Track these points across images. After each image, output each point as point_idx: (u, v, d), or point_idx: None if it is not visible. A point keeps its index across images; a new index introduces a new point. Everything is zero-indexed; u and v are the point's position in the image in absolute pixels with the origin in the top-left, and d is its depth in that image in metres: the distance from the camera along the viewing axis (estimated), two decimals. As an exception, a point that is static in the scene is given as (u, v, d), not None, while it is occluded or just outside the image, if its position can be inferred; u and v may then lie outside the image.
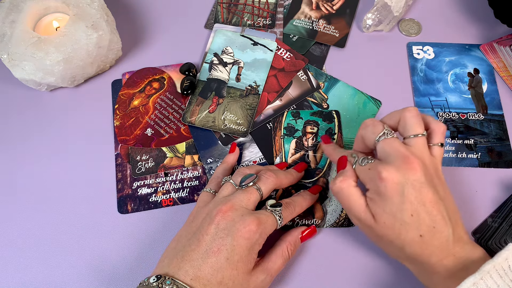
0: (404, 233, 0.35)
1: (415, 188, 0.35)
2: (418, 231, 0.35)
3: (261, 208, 0.40)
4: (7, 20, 0.48)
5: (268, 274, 0.38)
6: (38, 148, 0.50)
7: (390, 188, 0.35)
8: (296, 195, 0.43)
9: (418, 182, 0.35)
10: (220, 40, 0.55)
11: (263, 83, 0.52)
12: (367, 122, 0.40)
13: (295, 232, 0.42)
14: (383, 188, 0.35)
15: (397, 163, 0.36)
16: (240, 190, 0.39)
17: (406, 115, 0.39)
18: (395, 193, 0.35)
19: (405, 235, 0.35)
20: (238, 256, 0.35)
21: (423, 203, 0.35)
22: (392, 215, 0.35)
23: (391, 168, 0.36)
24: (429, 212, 0.35)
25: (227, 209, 0.37)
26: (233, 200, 0.38)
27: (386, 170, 0.35)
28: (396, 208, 0.35)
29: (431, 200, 0.35)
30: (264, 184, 0.40)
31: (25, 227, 0.45)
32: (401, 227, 0.35)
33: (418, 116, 0.39)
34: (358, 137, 0.41)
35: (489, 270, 0.32)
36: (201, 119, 0.50)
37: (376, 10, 0.55)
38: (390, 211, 0.35)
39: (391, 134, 0.38)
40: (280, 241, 0.41)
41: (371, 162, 0.38)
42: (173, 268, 0.35)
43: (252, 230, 0.36)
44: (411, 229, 0.35)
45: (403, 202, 0.35)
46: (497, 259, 0.32)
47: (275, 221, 0.38)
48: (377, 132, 0.38)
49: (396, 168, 0.35)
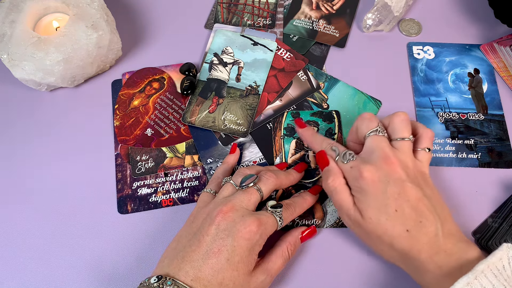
0: (390, 228, 0.36)
1: (397, 186, 0.36)
2: (404, 226, 0.36)
3: (262, 208, 0.40)
4: (7, 20, 0.48)
5: (268, 274, 0.38)
6: (38, 148, 0.50)
7: (372, 187, 0.37)
8: (296, 196, 0.43)
9: (400, 180, 0.37)
10: (220, 40, 0.55)
11: (263, 83, 0.52)
12: (365, 115, 0.41)
13: (295, 232, 0.42)
14: (365, 186, 0.37)
15: (379, 162, 0.37)
16: (240, 191, 0.39)
17: (395, 118, 0.40)
18: (378, 191, 0.36)
19: (391, 230, 0.36)
20: (239, 257, 0.35)
21: (407, 199, 0.36)
22: (377, 209, 0.36)
23: (372, 167, 0.37)
24: (414, 207, 0.36)
25: (227, 210, 0.37)
26: (234, 200, 0.38)
27: (367, 170, 0.37)
28: (380, 204, 0.36)
29: (415, 196, 0.36)
30: (265, 184, 0.40)
31: (25, 227, 0.45)
32: (387, 222, 0.36)
33: (407, 121, 0.40)
34: (353, 127, 0.42)
35: (483, 269, 0.32)
36: (201, 119, 0.50)
37: (376, 10, 0.55)
38: (375, 206, 0.36)
39: (382, 133, 0.39)
40: (280, 242, 0.41)
41: (353, 160, 0.39)
42: (173, 269, 0.35)
43: (252, 231, 0.36)
44: (397, 224, 0.36)
45: (386, 198, 0.36)
46: (491, 258, 0.32)
47: (276, 222, 0.38)
48: (371, 127, 0.40)
49: (376, 167, 0.37)
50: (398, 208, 0.36)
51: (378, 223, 0.36)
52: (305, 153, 0.48)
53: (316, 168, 0.47)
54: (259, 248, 0.37)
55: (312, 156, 0.48)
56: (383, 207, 0.36)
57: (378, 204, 0.36)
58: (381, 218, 0.36)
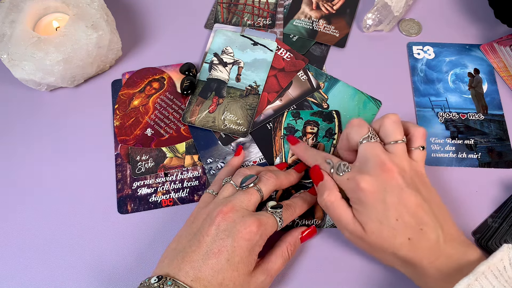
0: (393, 239, 0.35)
1: (395, 194, 0.36)
2: (406, 234, 0.35)
3: (262, 209, 0.40)
4: (7, 20, 0.48)
5: (268, 274, 0.38)
6: (38, 148, 0.50)
7: (371, 198, 0.36)
8: (296, 197, 0.43)
9: (398, 187, 0.36)
10: (220, 40, 0.55)
11: (263, 83, 0.52)
12: (354, 121, 0.40)
13: (295, 232, 0.42)
14: (364, 198, 0.36)
15: (375, 171, 0.37)
16: (240, 191, 0.39)
17: (386, 121, 0.39)
18: (377, 202, 0.36)
19: (394, 240, 0.35)
20: (239, 257, 0.35)
21: (406, 207, 0.36)
22: (379, 222, 0.36)
23: (369, 177, 0.36)
24: (414, 215, 0.36)
25: (227, 210, 0.37)
26: (234, 201, 0.38)
27: (364, 180, 0.36)
28: (381, 215, 0.36)
29: (414, 202, 0.36)
30: (265, 185, 0.40)
31: (25, 227, 0.45)
32: (389, 233, 0.35)
33: (398, 123, 0.39)
34: (343, 135, 0.42)
35: (484, 271, 0.32)
36: (201, 119, 0.50)
37: (376, 10, 0.55)
38: (376, 218, 0.36)
39: (375, 138, 0.39)
40: (280, 242, 0.41)
41: (349, 171, 0.38)
42: (173, 269, 0.35)
43: (253, 231, 0.36)
44: (399, 233, 0.35)
45: (386, 209, 0.36)
46: (492, 259, 0.32)
47: (276, 222, 0.38)
48: (362, 134, 0.39)
49: (374, 177, 0.36)
50: (399, 217, 0.35)
51: (381, 236, 0.36)
52: None
53: None
54: (259, 248, 0.37)
55: None
56: (384, 219, 0.36)
57: (379, 215, 0.36)
58: (383, 230, 0.36)
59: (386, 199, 0.36)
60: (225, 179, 0.42)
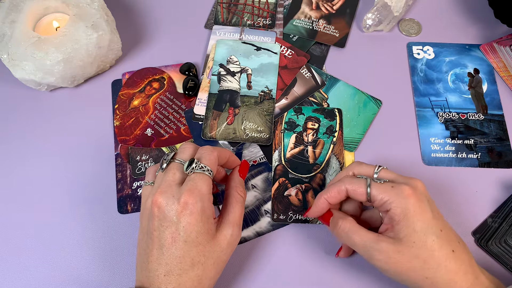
0: (437, 249, 0.34)
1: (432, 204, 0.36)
2: (450, 246, 0.34)
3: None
4: (7, 20, 0.48)
5: (233, 225, 0.37)
6: (38, 148, 0.50)
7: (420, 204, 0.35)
8: (202, 147, 0.39)
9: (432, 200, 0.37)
10: (222, 50, 0.55)
11: (275, 87, 0.52)
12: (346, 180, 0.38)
13: (234, 175, 0.40)
14: (411, 205, 0.35)
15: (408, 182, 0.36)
16: (159, 173, 0.38)
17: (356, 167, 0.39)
18: (425, 209, 0.35)
19: (438, 251, 0.34)
20: (195, 232, 0.34)
21: (443, 219, 0.36)
22: (423, 232, 0.34)
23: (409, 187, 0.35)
24: (450, 227, 0.36)
25: (157, 197, 0.35)
26: (161, 186, 0.36)
27: (409, 187, 0.35)
28: (428, 224, 0.34)
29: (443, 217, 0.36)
30: (183, 153, 0.38)
31: (25, 227, 0.45)
32: (433, 243, 0.34)
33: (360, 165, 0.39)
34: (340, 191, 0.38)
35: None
36: (221, 132, 0.49)
37: (376, 10, 0.55)
38: (421, 228, 0.34)
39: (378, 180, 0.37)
40: (227, 191, 0.39)
41: (388, 181, 0.37)
42: (145, 276, 0.35)
43: (189, 203, 0.34)
44: (444, 244, 0.34)
45: (433, 218, 0.35)
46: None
47: (203, 176, 0.36)
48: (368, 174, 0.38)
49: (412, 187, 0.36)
50: (443, 227, 0.34)
51: (424, 246, 0.34)
52: (304, 148, 0.48)
53: (314, 164, 0.47)
54: (209, 211, 0.35)
55: (311, 152, 0.48)
56: (430, 228, 0.34)
57: (425, 225, 0.34)
58: (427, 240, 0.34)
59: (430, 207, 0.35)
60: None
